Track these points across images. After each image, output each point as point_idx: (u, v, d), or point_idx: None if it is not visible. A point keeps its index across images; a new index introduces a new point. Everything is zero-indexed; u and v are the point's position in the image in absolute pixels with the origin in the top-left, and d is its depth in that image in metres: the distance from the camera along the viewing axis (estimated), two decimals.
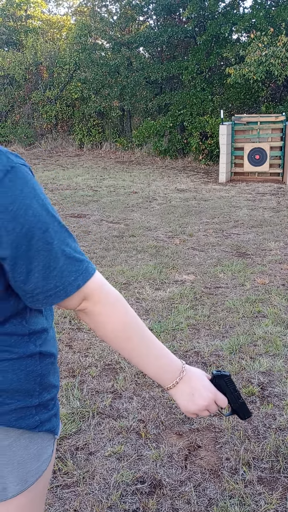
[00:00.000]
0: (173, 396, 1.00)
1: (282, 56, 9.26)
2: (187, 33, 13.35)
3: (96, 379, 2.75)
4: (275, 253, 5.14)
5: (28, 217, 0.81)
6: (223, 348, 3.09)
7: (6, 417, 0.92)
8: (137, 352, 0.96)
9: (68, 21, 17.53)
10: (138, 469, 2.04)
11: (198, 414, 1.01)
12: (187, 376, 1.00)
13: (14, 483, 0.94)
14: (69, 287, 0.88)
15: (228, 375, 1.03)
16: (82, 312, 0.94)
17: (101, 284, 0.92)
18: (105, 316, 0.93)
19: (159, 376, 0.98)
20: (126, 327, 0.94)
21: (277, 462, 2.06)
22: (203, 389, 1.00)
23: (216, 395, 1.01)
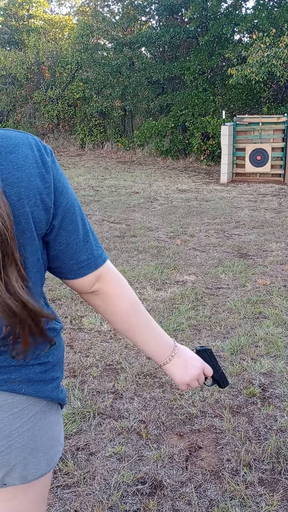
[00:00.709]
0: (169, 369, 1.10)
1: (284, 57, 9.25)
2: (189, 33, 13.35)
3: (97, 379, 2.74)
4: (276, 254, 5.13)
5: (69, 194, 0.93)
6: (224, 349, 3.09)
7: (55, 391, 0.98)
8: (141, 330, 1.05)
9: (70, 20, 17.54)
10: (139, 469, 2.04)
11: (190, 384, 1.12)
12: (180, 351, 1.11)
13: (52, 456, 1.00)
14: (98, 259, 0.97)
15: (210, 349, 1.17)
16: (93, 294, 1.01)
17: (112, 266, 1.02)
18: (117, 296, 1.01)
19: (157, 352, 1.09)
20: (134, 306, 1.03)
21: (278, 464, 2.06)
22: (193, 361, 1.12)
23: (203, 365, 1.14)
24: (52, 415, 0.99)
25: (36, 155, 0.88)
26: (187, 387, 1.13)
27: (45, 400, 0.97)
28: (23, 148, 0.87)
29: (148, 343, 1.07)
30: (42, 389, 0.95)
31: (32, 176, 0.86)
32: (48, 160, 0.89)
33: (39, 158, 0.88)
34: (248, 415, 2.41)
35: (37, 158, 0.88)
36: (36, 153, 0.88)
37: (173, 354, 1.09)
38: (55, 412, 1.00)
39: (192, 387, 1.13)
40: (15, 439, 0.93)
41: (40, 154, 0.89)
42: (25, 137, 0.89)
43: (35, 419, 0.95)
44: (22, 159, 0.86)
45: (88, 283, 0.98)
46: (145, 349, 1.09)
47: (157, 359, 1.10)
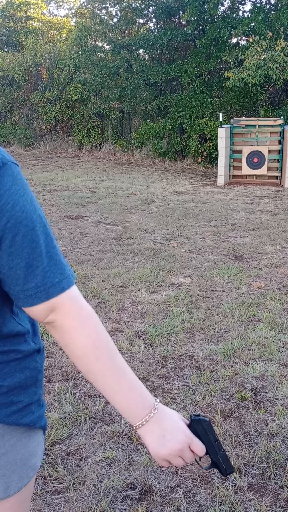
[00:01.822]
0: (142, 436, 0.90)
1: (280, 60, 9.27)
2: (187, 36, 13.37)
3: (89, 383, 2.74)
4: (271, 257, 5.14)
5: (14, 212, 0.81)
6: (217, 352, 3.09)
7: (14, 416, 0.91)
8: (105, 377, 0.87)
9: (68, 22, 17.55)
10: (129, 475, 2.04)
11: (170, 461, 0.90)
12: (159, 415, 0.89)
13: (16, 481, 0.93)
14: (52, 288, 0.84)
15: (207, 420, 0.92)
16: (50, 326, 0.88)
17: (76, 296, 0.87)
18: (74, 331, 0.86)
19: (128, 411, 0.89)
20: (96, 346, 0.86)
21: (268, 468, 2.06)
22: (176, 431, 0.89)
23: (192, 440, 0.90)
24: (14, 438, 0.91)
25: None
26: (166, 463, 0.91)
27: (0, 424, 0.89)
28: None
29: (114, 395, 0.88)
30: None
31: None
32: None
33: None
34: (239, 419, 2.41)
35: None
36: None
37: (148, 418, 0.88)
38: (21, 435, 0.92)
39: (175, 465, 0.90)
40: None
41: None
42: None
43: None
44: None
45: (40, 314, 0.86)
46: (112, 403, 0.90)
47: (128, 419, 0.89)
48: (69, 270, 0.88)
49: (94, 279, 4.43)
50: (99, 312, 3.72)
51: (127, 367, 0.90)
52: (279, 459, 2.11)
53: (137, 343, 3.20)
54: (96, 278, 4.44)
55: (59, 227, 6.37)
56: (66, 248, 5.45)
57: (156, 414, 0.89)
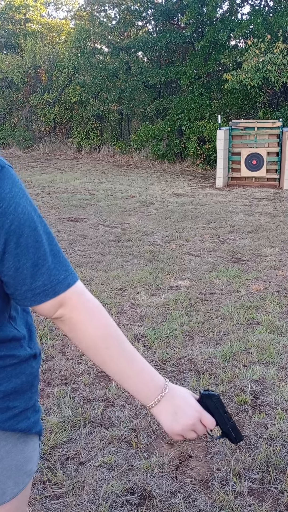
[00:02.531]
0: (156, 415, 0.95)
1: (279, 62, 9.29)
2: (185, 38, 13.39)
3: (88, 387, 2.73)
4: (270, 259, 5.14)
5: (17, 214, 0.83)
6: (216, 355, 3.08)
7: (11, 421, 0.92)
8: (117, 364, 0.92)
9: (67, 25, 17.57)
10: (129, 479, 2.03)
11: (184, 435, 0.95)
12: (170, 393, 0.95)
13: (11, 487, 0.94)
14: (58, 285, 0.87)
15: (216, 395, 0.97)
16: (59, 321, 0.91)
17: (82, 290, 0.91)
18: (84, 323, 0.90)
19: (140, 392, 0.94)
20: (105, 335, 0.91)
21: (268, 473, 2.05)
22: (187, 408, 0.94)
23: (202, 414, 0.95)
24: (9, 444, 0.92)
25: None
26: (180, 437, 0.97)
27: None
28: None
29: (127, 380, 0.93)
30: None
31: None
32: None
33: None
34: (239, 423, 2.41)
35: None
36: None
37: (160, 398, 0.94)
38: (16, 441, 0.93)
39: (188, 438, 0.97)
40: None
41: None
42: None
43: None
44: None
45: (49, 310, 0.89)
46: (125, 387, 0.95)
47: (141, 400, 0.95)
48: (72, 267, 0.91)
49: (93, 281, 4.42)
50: None
51: (136, 352, 0.94)
52: (279, 464, 2.11)
53: (136, 346, 3.19)
54: (95, 281, 4.43)
55: (58, 230, 6.36)
56: (65, 250, 5.44)
57: (167, 393, 0.94)
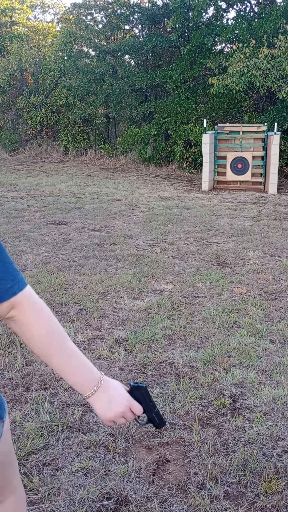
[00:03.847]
0: (92, 404, 1.09)
1: (263, 67, 9.37)
2: (172, 42, 13.45)
3: (68, 392, 2.72)
4: (253, 263, 5.17)
5: None
6: (197, 359, 3.09)
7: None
8: (58, 359, 1.05)
9: (53, 28, 17.54)
10: (105, 485, 2.02)
11: (115, 421, 1.10)
12: (105, 385, 1.09)
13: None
14: (4, 294, 0.99)
15: (144, 386, 1.13)
16: (10, 320, 1.03)
17: (30, 294, 1.03)
18: (31, 323, 1.03)
19: (79, 384, 1.08)
20: (49, 333, 1.04)
21: (244, 477, 2.06)
22: (119, 397, 1.09)
23: (131, 403, 1.11)
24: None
25: None
26: (112, 423, 1.12)
27: None
28: None
29: (66, 373, 1.07)
30: None
31: None
32: None
33: None
34: (217, 426, 2.41)
35: None
36: None
37: (97, 388, 1.08)
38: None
39: (118, 423, 1.12)
40: None
41: None
42: None
43: None
44: None
45: (2, 311, 1.01)
46: (64, 378, 1.09)
47: (79, 391, 1.09)
48: (20, 276, 1.03)
49: (75, 285, 4.40)
50: (80, 319, 3.70)
51: (76, 349, 1.08)
52: (255, 467, 2.11)
53: (117, 351, 3.18)
54: (78, 285, 4.42)
55: (42, 233, 6.33)
56: (49, 254, 5.42)
57: (102, 385, 1.09)
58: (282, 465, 2.13)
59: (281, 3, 11.72)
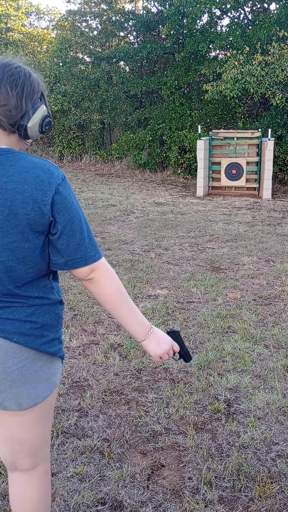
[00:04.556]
0: (146, 345, 1.42)
1: (257, 74, 9.46)
2: (166, 49, 13.55)
3: (62, 397, 2.72)
4: (248, 268, 5.20)
5: (72, 210, 1.31)
6: (192, 364, 3.10)
7: (45, 346, 1.35)
8: (124, 311, 1.38)
9: (48, 34, 17.62)
10: (100, 490, 2.02)
11: (162, 357, 1.43)
12: (154, 331, 1.42)
13: (42, 391, 1.37)
14: (89, 259, 1.33)
15: (178, 331, 1.49)
16: (89, 281, 1.36)
17: (106, 263, 1.37)
18: (105, 283, 1.36)
19: (137, 331, 1.40)
20: (120, 292, 1.37)
21: (239, 481, 2.06)
22: (164, 339, 1.43)
23: (172, 342, 1.46)
24: (42, 361, 1.35)
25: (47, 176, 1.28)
26: (159, 359, 1.44)
27: (33, 350, 1.33)
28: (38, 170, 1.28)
29: (129, 322, 1.39)
30: (30, 341, 1.32)
31: (35, 190, 1.26)
32: (54, 182, 1.28)
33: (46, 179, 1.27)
34: (212, 431, 2.42)
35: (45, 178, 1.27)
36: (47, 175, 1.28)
37: (149, 333, 1.41)
38: (46, 360, 1.36)
39: (163, 359, 1.44)
40: (8, 374, 1.31)
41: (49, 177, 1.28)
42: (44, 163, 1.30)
43: (25, 362, 1.32)
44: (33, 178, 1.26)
45: (84, 273, 1.35)
46: (127, 327, 1.40)
47: (136, 336, 1.41)
48: (99, 249, 1.36)
49: (70, 291, 4.41)
50: (75, 325, 3.70)
51: (134, 304, 1.41)
52: (249, 472, 2.12)
53: (112, 356, 3.19)
54: (72, 290, 4.42)
55: None
56: None
57: (152, 331, 1.42)
58: (276, 470, 2.14)
59: (275, 11, 11.85)
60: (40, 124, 1.32)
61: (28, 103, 1.29)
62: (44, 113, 1.33)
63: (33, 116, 1.30)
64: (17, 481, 1.48)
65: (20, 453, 1.44)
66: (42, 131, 1.34)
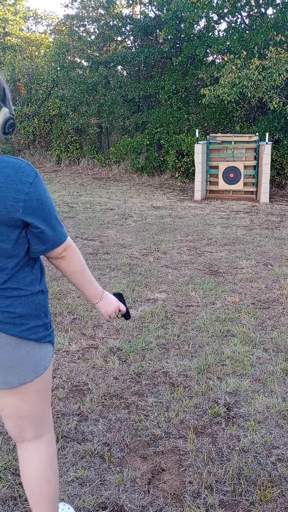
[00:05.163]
0: (99, 306, 1.66)
1: (254, 78, 9.50)
2: (164, 53, 13.60)
3: (62, 401, 2.72)
4: (246, 271, 5.21)
5: (46, 205, 1.43)
6: (191, 368, 3.10)
7: (25, 333, 1.46)
8: (86, 279, 1.59)
9: (46, 39, 17.66)
10: (100, 494, 2.02)
11: (111, 315, 1.68)
12: (105, 294, 1.67)
13: (31, 373, 1.50)
14: (62, 239, 1.50)
15: (121, 294, 1.77)
16: (61, 259, 1.53)
17: (71, 240, 1.54)
18: (74, 259, 1.55)
19: (93, 294, 1.63)
20: (83, 264, 1.57)
21: (239, 485, 2.07)
22: (113, 301, 1.69)
23: (119, 304, 1.71)
24: (28, 347, 1.48)
25: (18, 175, 1.36)
26: (109, 317, 1.69)
27: (14, 337, 1.45)
28: (9, 170, 1.35)
29: (88, 289, 1.61)
30: (8, 329, 1.43)
31: (7, 190, 1.34)
32: (26, 180, 1.36)
33: (17, 178, 1.35)
34: (212, 435, 2.42)
35: (16, 178, 1.35)
36: (18, 173, 1.36)
37: (102, 297, 1.66)
38: (33, 346, 1.48)
39: (112, 318, 1.70)
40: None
41: (21, 175, 1.36)
42: (15, 162, 1.37)
43: (8, 347, 1.44)
44: (4, 177, 1.34)
45: (57, 253, 1.51)
46: (85, 293, 1.61)
47: (92, 299, 1.64)
48: (64, 230, 1.52)
49: (69, 295, 4.41)
50: (74, 329, 3.70)
51: (90, 273, 1.61)
52: (250, 476, 2.12)
53: (111, 360, 3.19)
54: (71, 294, 4.42)
55: None
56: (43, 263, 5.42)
57: (104, 295, 1.67)
58: (277, 473, 2.15)
59: (272, 16, 11.92)
60: (2, 127, 1.37)
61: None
62: (6, 116, 1.37)
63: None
64: (26, 450, 1.63)
65: (24, 426, 1.59)
66: (5, 132, 1.39)
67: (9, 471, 2.15)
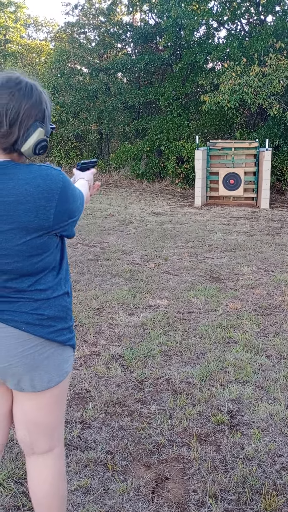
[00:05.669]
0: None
1: (254, 85, 9.55)
2: (164, 60, 13.68)
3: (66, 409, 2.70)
4: (247, 278, 5.20)
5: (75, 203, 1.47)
6: (194, 375, 3.09)
7: (52, 334, 1.47)
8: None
9: (47, 46, 17.77)
10: (104, 503, 2.01)
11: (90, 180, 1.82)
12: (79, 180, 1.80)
13: (55, 376, 1.51)
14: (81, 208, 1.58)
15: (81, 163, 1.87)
16: None
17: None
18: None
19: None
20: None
21: (244, 494, 2.05)
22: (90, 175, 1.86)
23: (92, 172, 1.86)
24: (53, 348, 1.49)
25: (47, 183, 1.36)
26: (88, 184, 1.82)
27: (42, 338, 1.45)
28: (38, 179, 1.35)
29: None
30: (37, 330, 1.44)
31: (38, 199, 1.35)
32: (55, 187, 1.37)
33: (47, 186, 1.35)
34: (215, 443, 2.41)
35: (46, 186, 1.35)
36: (47, 181, 1.36)
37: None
38: (57, 348, 1.49)
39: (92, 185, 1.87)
40: (21, 358, 1.44)
41: (50, 183, 1.36)
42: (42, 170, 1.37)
43: (36, 348, 1.45)
44: (34, 188, 1.34)
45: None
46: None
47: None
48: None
49: None
50: (76, 335, 3.69)
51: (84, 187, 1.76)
52: (255, 484, 2.11)
53: (113, 367, 3.18)
54: (73, 301, 4.41)
55: None
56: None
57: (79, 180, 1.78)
58: (281, 482, 2.13)
59: (271, 23, 12.00)
60: (33, 148, 1.35)
61: (22, 129, 1.32)
62: (39, 138, 1.35)
63: (27, 141, 1.33)
64: (35, 463, 1.59)
65: (37, 435, 1.55)
66: (36, 153, 1.37)
67: (12, 479, 2.14)
